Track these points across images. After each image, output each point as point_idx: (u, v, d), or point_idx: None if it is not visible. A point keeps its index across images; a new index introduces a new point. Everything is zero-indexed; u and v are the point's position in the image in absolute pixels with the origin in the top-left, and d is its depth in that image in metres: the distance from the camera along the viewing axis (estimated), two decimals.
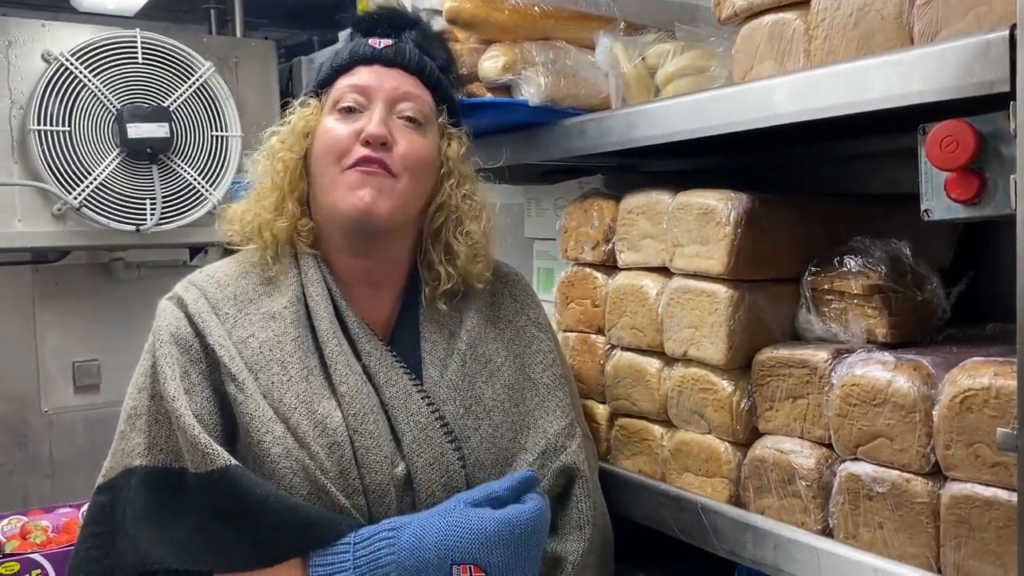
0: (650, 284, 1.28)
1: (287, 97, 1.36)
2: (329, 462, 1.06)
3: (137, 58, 2.51)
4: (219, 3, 2.94)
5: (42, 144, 2.39)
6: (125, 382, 1.15)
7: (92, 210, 2.46)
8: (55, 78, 2.41)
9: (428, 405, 1.14)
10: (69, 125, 2.42)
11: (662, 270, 1.27)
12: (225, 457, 1.03)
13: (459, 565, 0.99)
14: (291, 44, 3.23)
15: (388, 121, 1.16)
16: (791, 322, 1.20)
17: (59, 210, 2.44)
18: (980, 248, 1.32)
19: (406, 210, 1.17)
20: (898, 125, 1.01)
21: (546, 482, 1.15)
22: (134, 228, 2.51)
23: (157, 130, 2.50)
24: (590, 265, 1.41)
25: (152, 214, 2.53)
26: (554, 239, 1.55)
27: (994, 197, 0.88)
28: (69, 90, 2.42)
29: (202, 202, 2.61)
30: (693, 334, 1.20)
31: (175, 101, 2.55)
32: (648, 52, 1.43)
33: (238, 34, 2.87)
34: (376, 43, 1.21)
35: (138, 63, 2.51)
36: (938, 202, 0.93)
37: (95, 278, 2.85)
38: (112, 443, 1.13)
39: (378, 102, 1.16)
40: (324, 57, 1.43)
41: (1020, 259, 0.79)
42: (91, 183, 2.45)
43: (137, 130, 2.47)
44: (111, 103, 2.46)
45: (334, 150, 1.15)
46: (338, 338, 1.13)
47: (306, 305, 1.15)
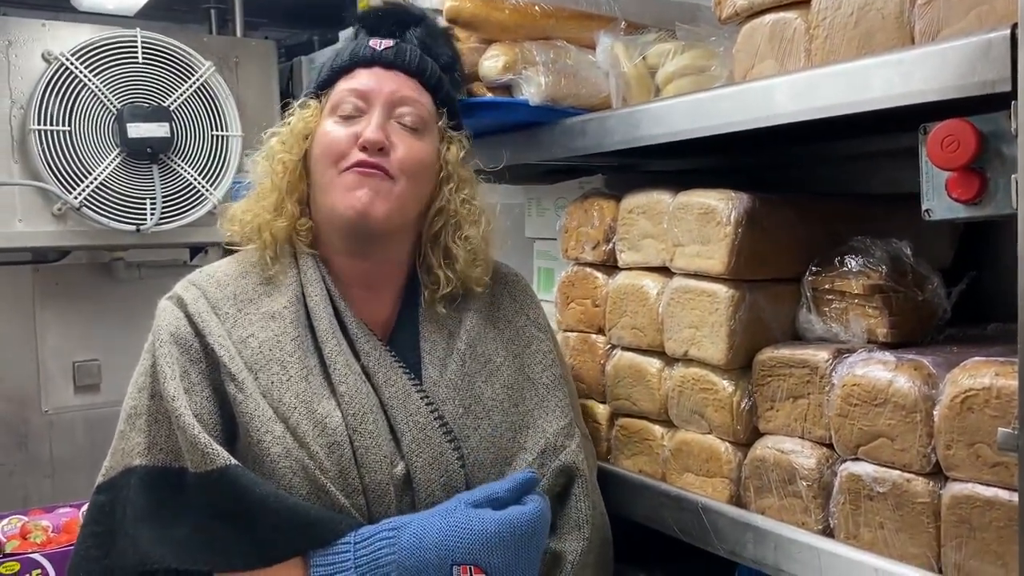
0: (650, 284, 1.28)
1: (287, 97, 1.36)
2: (329, 462, 1.06)
3: (137, 58, 2.51)
4: (219, 3, 2.94)
5: (42, 144, 2.39)
6: (125, 382, 1.15)
7: (92, 210, 2.46)
8: (55, 78, 2.40)
9: (427, 405, 1.13)
10: (69, 125, 2.42)
11: (662, 270, 1.27)
12: (225, 457, 1.03)
13: (459, 565, 0.99)
14: (291, 44, 3.23)
15: (386, 125, 1.15)
16: (792, 322, 1.20)
17: (59, 210, 2.44)
18: (981, 248, 1.32)
19: (403, 213, 1.16)
20: (899, 125, 1.00)
21: (545, 482, 1.15)
22: (134, 228, 2.51)
23: (157, 130, 2.49)
24: (590, 265, 1.41)
25: (152, 214, 2.52)
26: (555, 239, 1.55)
27: (995, 197, 0.88)
28: (69, 90, 2.42)
29: (202, 202, 2.60)
30: (694, 334, 1.20)
31: (175, 101, 2.55)
32: (649, 52, 1.43)
33: (238, 34, 2.87)
34: (377, 44, 1.20)
35: (138, 63, 2.51)
36: (939, 202, 0.93)
37: (95, 278, 2.84)
38: (112, 443, 1.13)
39: (377, 106, 1.16)
40: (324, 57, 1.42)
41: (1021, 259, 0.79)
42: (91, 183, 2.44)
43: (137, 130, 2.47)
44: (111, 103, 2.46)
45: (332, 153, 1.15)
46: (337, 338, 1.13)
47: (305, 305, 1.15)
